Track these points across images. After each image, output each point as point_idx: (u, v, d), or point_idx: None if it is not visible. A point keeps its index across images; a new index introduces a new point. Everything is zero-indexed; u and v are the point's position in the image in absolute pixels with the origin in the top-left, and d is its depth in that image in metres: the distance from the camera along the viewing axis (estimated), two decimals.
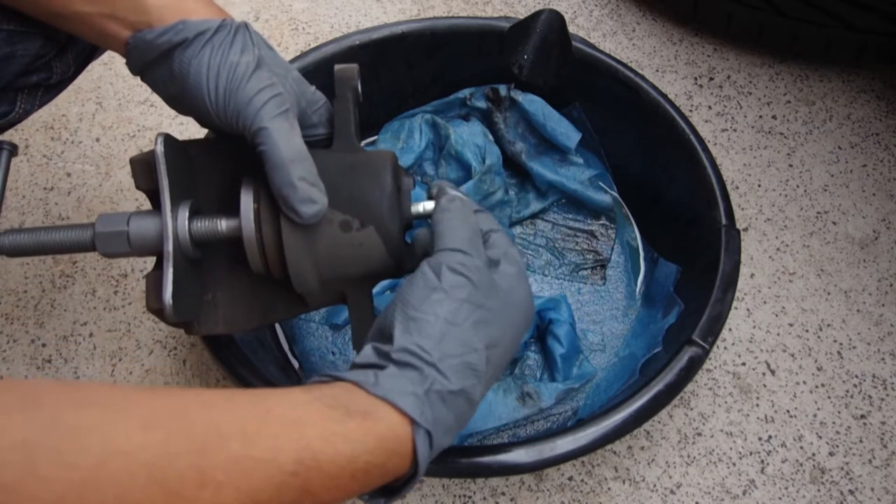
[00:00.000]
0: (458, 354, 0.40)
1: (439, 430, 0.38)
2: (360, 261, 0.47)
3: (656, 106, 0.72)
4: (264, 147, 0.43)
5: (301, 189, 0.43)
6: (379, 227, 0.46)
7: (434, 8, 0.97)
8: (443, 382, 0.39)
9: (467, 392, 0.40)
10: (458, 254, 0.42)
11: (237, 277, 0.50)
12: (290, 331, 0.70)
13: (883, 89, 0.93)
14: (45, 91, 0.55)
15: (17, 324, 0.72)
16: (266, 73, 0.45)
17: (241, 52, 0.45)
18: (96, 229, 0.46)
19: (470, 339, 0.40)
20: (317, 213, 0.44)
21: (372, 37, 0.73)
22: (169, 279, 0.44)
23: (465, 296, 0.41)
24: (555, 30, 0.74)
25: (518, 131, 0.78)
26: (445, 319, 0.40)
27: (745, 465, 0.68)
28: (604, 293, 0.75)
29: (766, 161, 0.86)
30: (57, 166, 0.81)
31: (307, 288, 0.47)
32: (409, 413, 0.37)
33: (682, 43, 0.96)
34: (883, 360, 0.74)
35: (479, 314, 0.41)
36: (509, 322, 0.44)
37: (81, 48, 0.55)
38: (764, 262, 0.79)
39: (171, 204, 0.45)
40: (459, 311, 0.40)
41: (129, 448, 0.29)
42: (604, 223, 0.78)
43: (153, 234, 0.46)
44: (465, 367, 0.40)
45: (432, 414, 0.38)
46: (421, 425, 0.37)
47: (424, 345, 0.39)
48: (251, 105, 0.43)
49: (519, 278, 0.46)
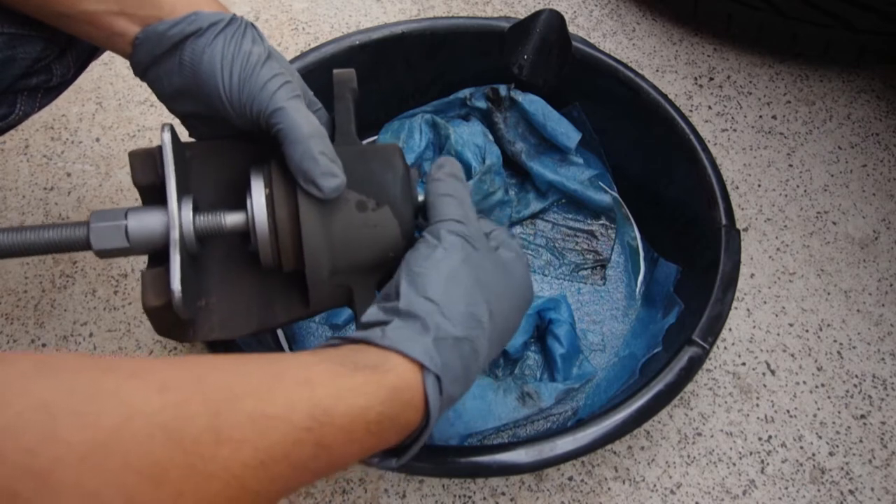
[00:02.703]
0: (462, 304, 0.41)
1: (448, 376, 0.39)
2: (375, 243, 0.47)
3: (656, 106, 0.72)
4: (282, 125, 0.44)
5: (322, 163, 0.44)
6: (394, 208, 0.47)
7: (434, 8, 0.97)
8: (448, 329, 0.40)
9: (472, 340, 0.41)
10: (454, 222, 0.45)
11: (232, 282, 0.49)
12: (290, 331, 0.70)
13: (883, 89, 0.93)
14: (45, 93, 0.55)
15: (17, 324, 0.72)
16: (276, 63, 0.46)
17: (253, 42, 0.46)
18: (91, 225, 0.44)
19: (471, 292, 0.42)
20: (338, 187, 0.44)
21: (372, 37, 0.73)
22: (177, 266, 0.43)
23: (464, 255, 0.43)
24: (555, 30, 0.74)
25: (518, 131, 0.78)
26: (447, 275, 0.42)
27: (745, 465, 0.68)
28: (604, 293, 0.75)
29: (766, 161, 0.86)
30: (57, 166, 0.81)
31: (319, 274, 0.47)
32: (417, 358, 0.38)
33: (682, 43, 0.96)
34: (883, 360, 0.74)
35: (478, 273, 0.43)
36: (509, 291, 0.46)
37: (81, 50, 0.55)
38: (764, 262, 0.79)
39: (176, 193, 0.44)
40: (461, 268, 0.43)
41: (148, 410, 0.30)
42: (604, 223, 0.78)
43: (154, 226, 0.45)
44: (469, 317, 0.41)
45: (440, 359, 0.39)
46: (430, 370, 0.38)
47: (429, 295, 0.41)
48: (265, 89, 0.44)
49: (518, 259, 0.48)
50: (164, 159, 0.44)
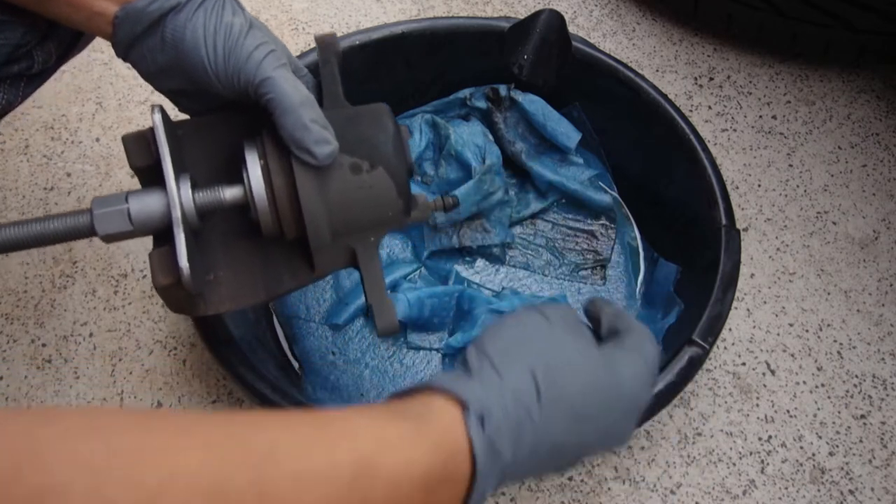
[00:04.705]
0: (516, 362, 0.39)
1: (492, 421, 0.37)
2: (372, 204, 0.47)
3: (656, 106, 0.72)
4: (272, 95, 0.44)
5: (314, 130, 0.44)
6: (388, 167, 0.47)
7: (434, 8, 0.97)
8: (494, 378, 0.38)
9: (521, 396, 0.38)
10: (542, 306, 0.44)
11: (236, 254, 0.50)
12: (290, 331, 0.70)
13: (883, 89, 0.93)
14: (28, 81, 0.55)
15: (17, 324, 0.72)
16: (259, 33, 0.46)
17: (234, 14, 0.46)
18: (94, 211, 0.45)
19: (529, 356, 0.40)
20: (331, 153, 0.45)
21: (372, 37, 0.72)
22: (182, 243, 0.43)
23: (535, 324, 0.41)
24: (555, 30, 0.74)
25: (518, 131, 0.78)
26: (509, 337, 0.41)
27: (745, 465, 0.68)
28: (604, 293, 0.75)
29: (766, 161, 0.86)
30: (57, 166, 0.81)
31: (321, 239, 0.47)
32: (457, 392, 0.37)
33: (682, 43, 0.96)
34: (883, 360, 0.74)
35: (548, 344, 0.41)
36: (594, 378, 0.41)
37: (63, 36, 0.55)
38: (764, 262, 0.79)
39: (173, 171, 0.44)
40: (526, 335, 0.41)
41: (191, 469, 0.29)
42: (604, 223, 0.78)
43: (155, 207, 0.45)
44: (522, 375, 0.39)
45: (484, 399, 0.37)
46: (471, 408, 0.37)
47: (486, 350, 0.40)
48: (251, 59, 0.44)
49: (637, 362, 0.43)
50: (157, 140, 0.45)
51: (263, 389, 0.55)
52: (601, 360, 0.42)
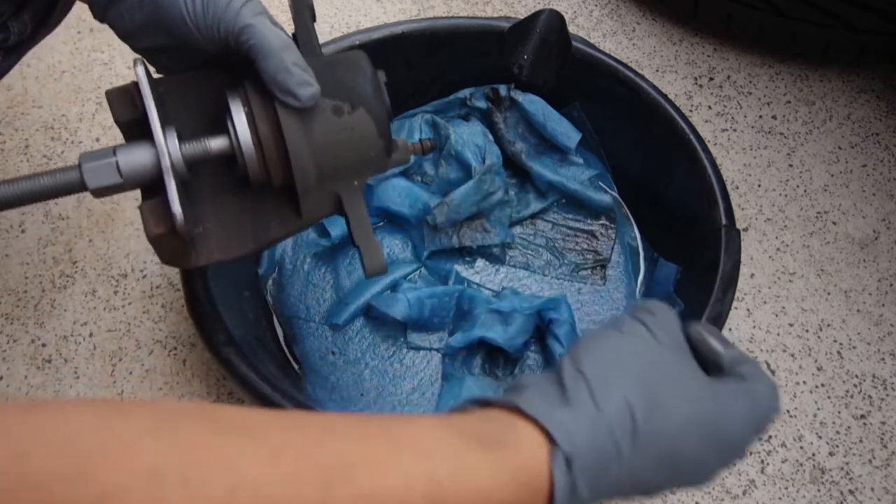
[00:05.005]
0: (616, 389, 0.36)
1: (579, 461, 0.34)
2: (355, 144, 0.48)
3: (656, 106, 0.72)
4: (253, 41, 0.45)
5: (296, 73, 0.44)
6: (368, 108, 0.48)
7: (434, 8, 0.97)
8: (589, 408, 0.35)
9: (615, 432, 0.35)
10: (644, 311, 0.40)
11: (223, 206, 0.51)
12: (291, 331, 0.70)
13: (883, 89, 0.93)
14: (5, 54, 0.54)
15: (17, 324, 0.72)
16: None
17: None
18: (83, 165, 0.45)
19: (631, 382, 0.36)
20: (314, 95, 0.45)
21: (372, 37, 0.73)
22: (173, 189, 0.44)
23: (641, 342, 0.38)
24: (555, 30, 0.74)
25: (518, 131, 0.78)
26: (611, 355, 0.37)
27: (745, 465, 0.68)
28: (604, 293, 0.75)
29: (766, 161, 0.87)
30: (57, 166, 0.81)
31: (308, 183, 0.48)
32: (547, 426, 0.34)
33: (682, 43, 0.96)
34: (883, 360, 0.74)
35: (651, 367, 0.37)
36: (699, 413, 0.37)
37: (38, 6, 0.55)
38: (764, 262, 0.79)
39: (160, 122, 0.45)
40: (630, 353, 0.38)
41: (258, 479, 0.29)
42: (604, 223, 0.78)
43: (143, 158, 0.45)
44: (622, 406, 0.35)
45: (575, 438, 0.34)
46: (560, 447, 0.34)
47: (582, 369, 0.36)
48: (230, 9, 0.45)
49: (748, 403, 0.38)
50: (142, 93, 0.45)
51: (263, 389, 0.55)
52: (709, 390, 0.38)
